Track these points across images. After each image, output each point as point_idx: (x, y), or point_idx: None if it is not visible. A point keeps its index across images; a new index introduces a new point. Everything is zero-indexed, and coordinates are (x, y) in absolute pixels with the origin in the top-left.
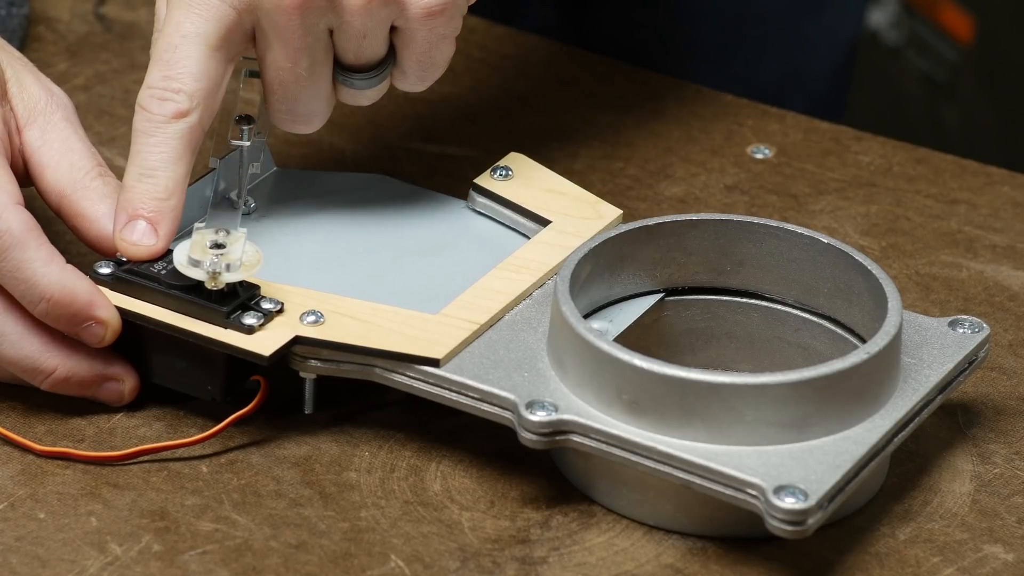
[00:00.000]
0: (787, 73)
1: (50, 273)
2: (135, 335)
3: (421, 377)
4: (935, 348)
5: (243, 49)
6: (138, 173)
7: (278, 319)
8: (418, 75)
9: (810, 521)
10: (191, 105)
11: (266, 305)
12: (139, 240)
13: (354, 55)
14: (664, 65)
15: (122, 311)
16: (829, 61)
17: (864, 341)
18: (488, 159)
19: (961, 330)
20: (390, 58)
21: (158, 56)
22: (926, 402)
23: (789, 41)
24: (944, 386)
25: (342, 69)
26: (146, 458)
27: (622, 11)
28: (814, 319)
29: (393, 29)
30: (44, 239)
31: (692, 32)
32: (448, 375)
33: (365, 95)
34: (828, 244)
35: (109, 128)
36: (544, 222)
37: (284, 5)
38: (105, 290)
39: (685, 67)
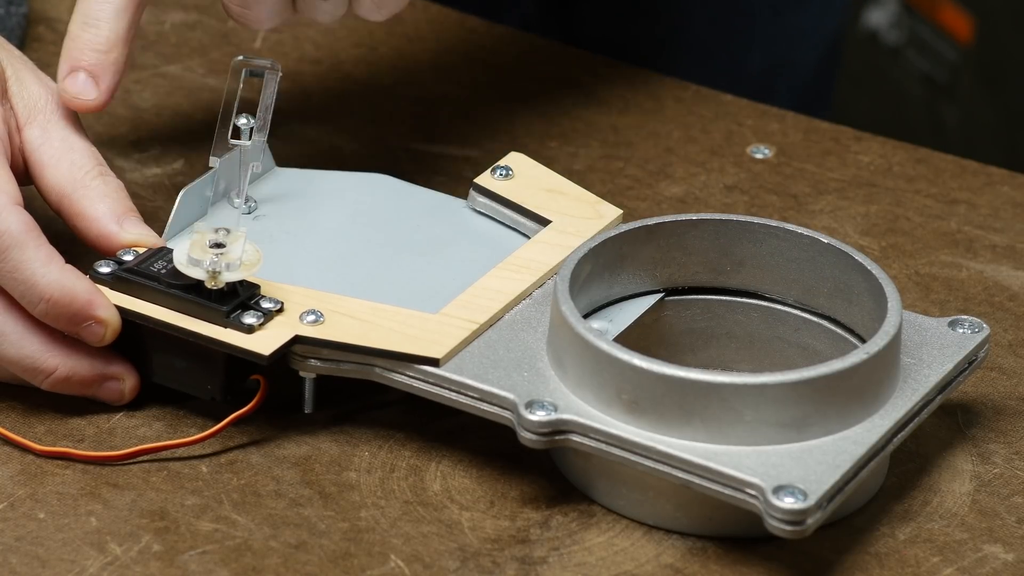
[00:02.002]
0: (773, 64)
1: (49, 273)
2: (135, 334)
3: (421, 377)
4: (935, 348)
5: None
6: (82, 22)
7: (278, 318)
8: (374, 1)
9: (809, 521)
10: None
11: (266, 304)
12: (80, 92)
13: None
14: (649, 60)
15: (122, 310)
16: (815, 51)
17: (864, 341)
18: (488, 159)
19: (961, 330)
20: None
21: None
22: (926, 402)
23: (774, 32)
24: (944, 386)
25: None
26: (146, 458)
27: (604, 7)
28: (814, 319)
29: None
30: (43, 239)
31: (677, 26)
32: (448, 375)
33: (321, 8)
34: (828, 244)
35: (109, 128)
36: (544, 222)
37: None
38: (105, 289)
39: (671, 61)
